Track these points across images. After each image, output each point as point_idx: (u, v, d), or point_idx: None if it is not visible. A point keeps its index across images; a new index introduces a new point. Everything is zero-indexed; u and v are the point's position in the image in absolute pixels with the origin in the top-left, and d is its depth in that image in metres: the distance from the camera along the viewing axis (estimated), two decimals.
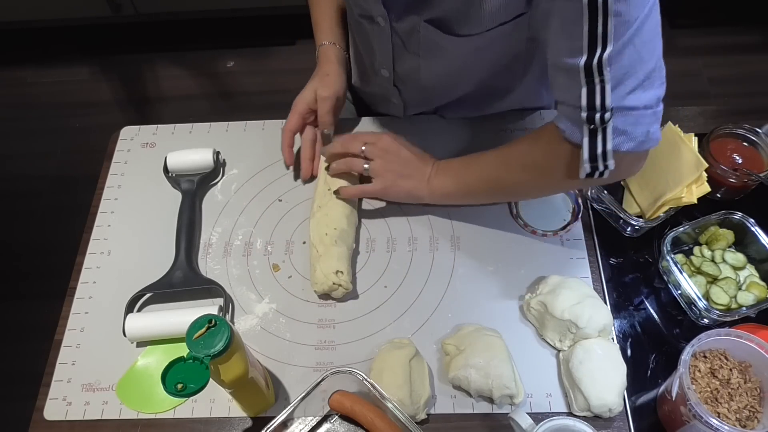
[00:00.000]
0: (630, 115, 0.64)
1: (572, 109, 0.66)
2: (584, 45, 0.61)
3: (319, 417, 0.76)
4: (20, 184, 2.10)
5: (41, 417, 0.78)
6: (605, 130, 0.65)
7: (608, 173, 0.68)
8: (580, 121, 0.65)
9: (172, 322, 0.80)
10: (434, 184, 0.86)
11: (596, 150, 0.66)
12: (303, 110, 0.92)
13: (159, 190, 0.96)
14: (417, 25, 0.79)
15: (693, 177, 0.80)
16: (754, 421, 0.68)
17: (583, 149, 0.67)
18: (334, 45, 0.95)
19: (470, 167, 0.84)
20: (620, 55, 0.61)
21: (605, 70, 0.62)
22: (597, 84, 0.63)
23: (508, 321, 0.82)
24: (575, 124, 0.67)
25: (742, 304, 0.78)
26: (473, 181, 0.83)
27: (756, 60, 2.23)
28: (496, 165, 0.81)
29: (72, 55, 2.43)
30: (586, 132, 0.66)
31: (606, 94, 0.63)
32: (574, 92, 0.65)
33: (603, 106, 0.63)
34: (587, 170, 0.68)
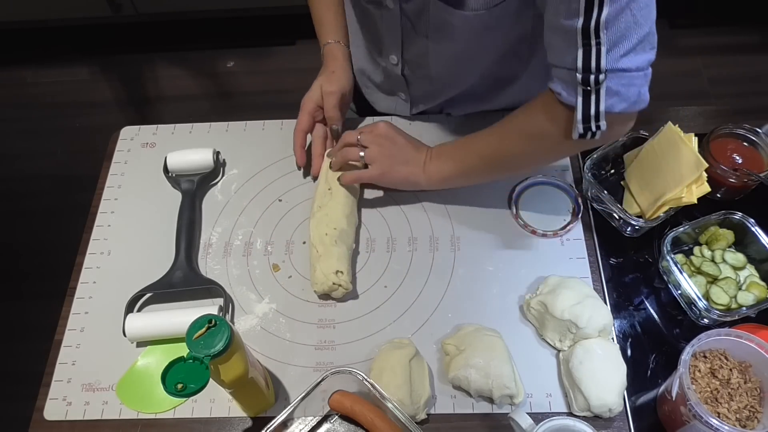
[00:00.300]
0: (623, 76, 0.66)
1: (567, 72, 0.68)
2: (581, 6, 0.63)
3: (319, 417, 0.76)
4: (20, 184, 2.10)
5: (41, 417, 0.78)
6: (599, 91, 0.67)
7: (600, 134, 0.71)
8: (575, 82, 0.67)
9: (172, 322, 0.80)
10: (431, 169, 0.86)
11: (590, 111, 0.68)
12: (311, 108, 0.93)
13: (159, 190, 0.96)
14: (427, 3, 0.79)
15: (693, 177, 0.80)
16: (754, 421, 0.68)
17: (577, 110, 0.69)
18: (339, 43, 0.96)
19: (467, 147, 0.85)
20: (617, 19, 0.63)
21: (602, 32, 0.63)
22: (593, 46, 0.64)
23: (508, 321, 0.82)
24: (570, 86, 0.69)
25: (742, 304, 0.78)
26: (471, 159, 0.84)
27: (756, 60, 2.22)
28: (493, 140, 0.82)
29: (72, 55, 2.43)
30: (580, 93, 0.68)
31: (601, 56, 0.65)
32: (569, 54, 0.66)
33: (598, 67, 0.65)
34: (580, 131, 0.70)
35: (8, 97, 2.35)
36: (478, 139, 0.83)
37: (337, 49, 0.96)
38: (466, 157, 0.85)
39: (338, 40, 0.96)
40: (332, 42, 0.96)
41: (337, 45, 0.96)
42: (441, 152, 0.87)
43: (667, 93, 2.14)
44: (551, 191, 0.93)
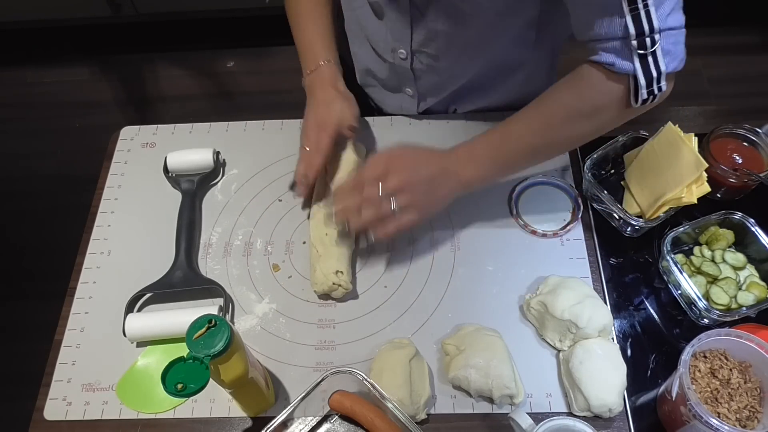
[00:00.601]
0: (672, 35, 0.68)
1: (618, 42, 0.68)
2: None
3: (319, 417, 0.76)
4: (20, 184, 2.10)
5: (41, 417, 0.78)
6: (655, 53, 0.68)
7: (659, 97, 0.72)
8: (629, 49, 0.68)
9: (172, 322, 0.80)
10: (468, 176, 0.79)
11: (651, 73, 0.69)
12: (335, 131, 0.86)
13: (159, 190, 0.96)
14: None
15: (693, 177, 0.80)
16: (754, 421, 0.68)
17: (639, 75, 0.69)
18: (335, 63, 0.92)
19: (506, 141, 0.79)
20: None
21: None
22: (641, 9, 0.65)
23: (508, 321, 0.82)
24: (623, 55, 0.69)
25: (742, 304, 0.78)
26: (514, 154, 0.80)
27: (756, 60, 2.23)
28: (537, 131, 0.77)
29: (72, 55, 2.43)
30: (636, 59, 0.68)
31: (652, 17, 0.66)
32: (617, 24, 0.67)
33: (651, 28, 0.66)
34: (644, 96, 0.71)
35: (8, 97, 2.34)
36: (518, 129, 0.78)
37: (336, 70, 0.91)
38: (508, 153, 0.79)
39: (333, 60, 0.92)
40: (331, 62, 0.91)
41: (335, 65, 0.92)
42: (473, 154, 0.79)
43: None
44: (551, 191, 0.93)
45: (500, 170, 0.82)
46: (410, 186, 0.76)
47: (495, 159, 0.79)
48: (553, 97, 0.77)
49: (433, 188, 0.78)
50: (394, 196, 0.76)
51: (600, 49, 0.71)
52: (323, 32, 0.93)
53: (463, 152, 0.79)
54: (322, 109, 0.87)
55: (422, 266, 0.87)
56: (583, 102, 0.75)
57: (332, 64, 0.91)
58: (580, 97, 0.75)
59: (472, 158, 0.79)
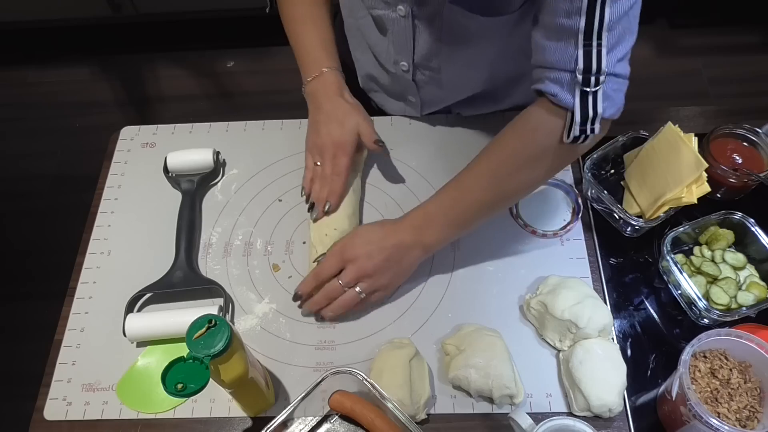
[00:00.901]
0: (616, 81, 0.68)
1: (564, 73, 0.68)
2: (583, 6, 0.63)
3: (319, 417, 0.76)
4: (20, 184, 2.10)
5: (41, 417, 0.78)
6: (596, 93, 0.67)
7: (590, 139, 0.71)
8: (573, 83, 0.67)
9: (172, 322, 0.80)
10: (427, 243, 0.79)
11: (587, 112, 0.68)
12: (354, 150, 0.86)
13: (159, 190, 0.96)
14: (441, 7, 0.78)
15: (693, 177, 0.80)
16: (754, 421, 0.68)
17: (575, 111, 0.68)
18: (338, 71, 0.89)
19: (457, 204, 0.78)
20: (618, 23, 0.64)
21: (604, 34, 0.64)
22: (594, 47, 0.65)
23: (508, 321, 0.82)
24: (566, 88, 0.68)
25: (742, 304, 0.78)
26: (467, 214, 0.79)
27: (756, 60, 2.22)
28: (487, 186, 0.77)
29: (72, 55, 2.43)
30: (577, 94, 0.68)
31: (602, 57, 0.65)
32: (567, 55, 0.67)
33: (599, 68, 0.66)
34: (576, 133, 0.70)
35: (8, 97, 2.35)
36: (469, 186, 0.77)
37: (339, 77, 0.89)
38: (462, 213, 0.79)
39: (336, 67, 0.89)
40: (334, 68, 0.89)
41: (338, 72, 0.89)
42: (429, 218, 0.79)
43: (667, 93, 2.16)
44: (551, 191, 0.93)
45: (457, 230, 0.81)
46: (367, 273, 0.78)
47: (450, 220, 0.79)
48: (500, 146, 0.76)
49: (392, 265, 0.79)
50: (356, 285, 0.79)
51: (546, 78, 0.70)
52: (323, 37, 0.90)
53: (419, 218, 0.79)
54: (336, 127, 0.85)
55: (422, 266, 0.87)
56: (528, 147, 0.74)
57: (335, 71, 0.89)
58: (524, 142, 0.75)
59: (428, 223, 0.79)
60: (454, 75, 0.90)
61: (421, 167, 0.96)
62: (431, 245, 0.80)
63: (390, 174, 0.96)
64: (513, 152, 0.75)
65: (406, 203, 0.92)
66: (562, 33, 0.66)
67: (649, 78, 2.11)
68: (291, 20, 0.92)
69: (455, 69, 0.89)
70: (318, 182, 0.87)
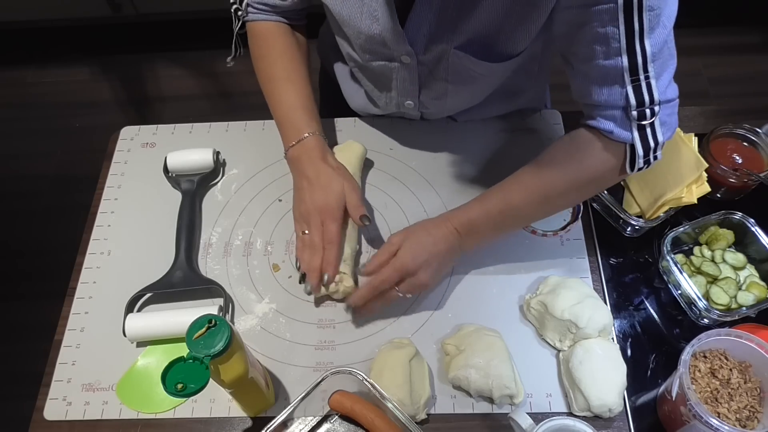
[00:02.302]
0: (669, 106, 0.69)
1: (618, 110, 0.68)
2: (622, 45, 0.64)
3: (319, 417, 0.76)
4: (20, 184, 2.10)
5: (41, 417, 0.78)
6: (653, 124, 0.68)
7: (653, 164, 0.72)
8: (629, 119, 0.68)
9: (172, 322, 0.80)
10: (468, 247, 0.80)
11: (649, 143, 0.69)
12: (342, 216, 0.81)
13: (159, 190, 0.96)
14: (446, 53, 0.78)
15: (693, 177, 0.80)
16: (754, 421, 0.68)
17: (637, 146, 0.69)
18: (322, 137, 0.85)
19: (504, 217, 0.78)
20: (660, 53, 0.65)
21: (650, 66, 0.65)
22: (642, 81, 0.66)
23: (508, 321, 0.82)
24: (621, 124, 0.69)
25: (742, 304, 0.78)
26: (511, 225, 0.81)
27: (756, 60, 2.23)
28: (537, 204, 0.77)
29: (72, 55, 2.43)
30: (635, 128, 0.69)
31: (653, 89, 0.66)
32: (617, 93, 0.67)
33: (652, 100, 0.67)
34: (640, 165, 0.71)
35: (8, 97, 2.34)
36: (518, 201, 0.77)
37: (323, 142, 0.85)
38: (507, 224, 0.80)
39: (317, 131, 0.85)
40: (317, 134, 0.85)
41: (321, 138, 0.85)
42: (474, 228, 0.78)
43: None
44: None
45: (495, 238, 0.83)
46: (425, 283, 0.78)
47: (492, 229, 0.80)
48: (552, 167, 0.76)
49: (441, 269, 0.80)
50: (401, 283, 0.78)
51: (599, 115, 0.71)
52: (302, 98, 0.86)
53: (464, 226, 0.78)
54: (320, 193, 0.80)
55: None
56: (583, 172, 0.74)
57: (317, 136, 0.84)
58: (580, 168, 0.74)
59: (472, 231, 0.79)
60: (459, 102, 0.91)
61: (421, 167, 0.96)
62: (469, 249, 0.81)
63: (390, 174, 0.96)
64: (567, 175, 0.75)
65: (406, 203, 0.92)
66: (607, 75, 0.67)
67: None
68: (268, 80, 0.88)
69: (461, 99, 0.90)
70: (308, 252, 0.80)
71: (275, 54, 0.88)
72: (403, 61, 0.81)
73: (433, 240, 0.77)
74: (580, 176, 0.75)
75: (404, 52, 0.79)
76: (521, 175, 0.77)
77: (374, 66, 0.84)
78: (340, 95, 1.02)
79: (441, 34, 0.76)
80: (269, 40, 0.88)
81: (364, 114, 1.02)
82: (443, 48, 0.77)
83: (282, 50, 0.88)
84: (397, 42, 0.77)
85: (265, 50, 0.88)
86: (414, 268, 0.76)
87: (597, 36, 0.65)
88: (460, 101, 0.91)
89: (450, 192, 0.93)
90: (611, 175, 0.74)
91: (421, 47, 0.78)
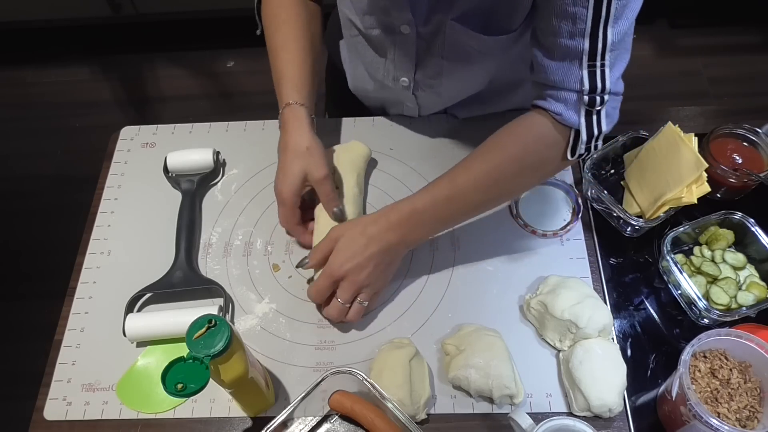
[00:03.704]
0: (616, 99, 0.70)
1: (570, 93, 0.69)
2: (587, 28, 0.64)
3: (319, 417, 0.76)
4: (20, 184, 2.10)
5: (41, 417, 0.78)
6: (599, 112, 0.69)
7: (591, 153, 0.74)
8: (579, 103, 0.69)
9: (172, 322, 0.80)
10: (414, 240, 0.79)
11: (593, 131, 0.70)
12: (293, 202, 0.83)
13: (159, 190, 0.96)
14: (443, 24, 0.78)
15: (693, 177, 0.80)
16: (754, 421, 0.68)
17: (582, 131, 0.70)
18: (302, 106, 0.84)
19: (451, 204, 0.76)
20: (619, 44, 0.66)
21: (607, 54, 0.66)
22: (599, 67, 0.66)
23: (508, 321, 0.82)
24: (571, 107, 0.70)
25: (742, 304, 0.78)
26: (458, 213, 0.79)
27: (756, 60, 2.23)
28: (483, 188, 0.76)
29: (72, 55, 2.43)
30: (583, 114, 0.69)
31: (606, 77, 0.67)
32: (572, 75, 0.68)
33: (603, 88, 0.67)
34: (581, 151, 0.72)
35: (8, 97, 2.35)
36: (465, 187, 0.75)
37: (301, 113, 0.83)
38: (454, 212, 0.78)
39: (301, 102, 0.83)
40: (293, 104, 0.83)
41: (301, 108, 0.83)
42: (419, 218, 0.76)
43: (667, 93, 2.16)
44: (551, 191, 0.93)
45: (443, 227, 0.82)
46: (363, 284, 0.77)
47: (439, 218, 0.78)
48: (498, 150, 0.75)
49: (384, 268, 0.78)
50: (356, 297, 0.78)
51: (550, 96, 0.71)
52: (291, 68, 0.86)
53: (406, 217, 0.76)
54: (279, 177, 0.83)
55: (422, 266, 0.87)
56: (530, 155, 0.75)
57: (293, 107, 0.83)
58: (526, 150, 0.74)
59: (416, 222, 0.77)
60: (454, 87, 0.91)
61: (421, 167, 0.96)
62: (416, 242, 0.80)
63: (390, 174, 0.96)
64: (512, 158, 0.75)
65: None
66: (567, 54, 0.67)
67: (649, 78, 2.12)
68: (269, 48, 0.89)
69: (456, 81, 0.89)
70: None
71: (278, 22, 0.88)
72: (402, 32, 0.81)
73: (366, 241, 0.75)
74: (524, 159, 0.75)
75: (405, 21, 0.79)
76: (469, 160, 0.76)
77: (373, 35, 0.85)
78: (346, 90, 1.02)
79: (441, 5, 0.76)
80: (275, 9, 0.89)
81: (362, 94, 1.02)
82: (441, 19, 0.77)
83: (284, 19, 0.88)
84: (398, 6, 0.77)
85: (271, 18, 0.89)
86: (341, 274, 0.76)
87: (565, 13, 0.65)
88: (455, 85, 0.90)
89: None
90: (554, 160, 0.74)
91: (421, 18, 0.79)
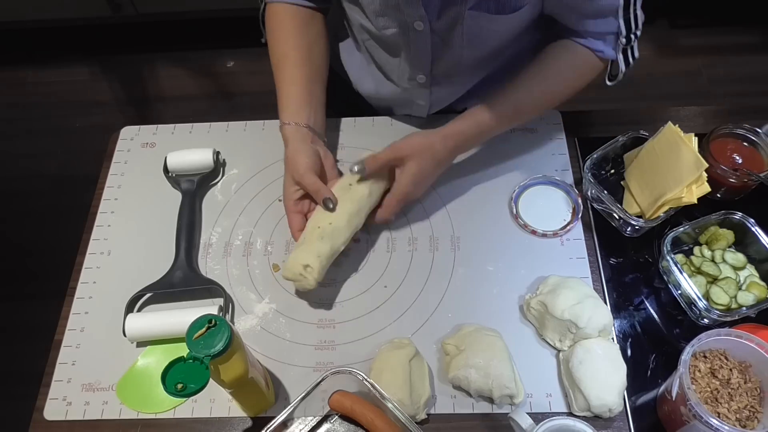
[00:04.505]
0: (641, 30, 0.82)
1: (609, 35, 0.81)
2: None
3: (319, 417, 0.76)
4: (20, 184, 2.10)
5: (41, 417, 0.78)
6: (632, 47, 0.84)
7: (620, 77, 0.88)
8: (617, 43, 0.82)
9: (172, 322, 0.80)
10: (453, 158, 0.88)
11: (630, 62, 0.85)
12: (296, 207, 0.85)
13: (159, 190, 0.96)
14: (461, 15, 0.78)
15: (693, 177, 0.80)
16: (754, 421, 0.68)
17: (620, 63, 0.84)
18: (297, 125, 0.86)
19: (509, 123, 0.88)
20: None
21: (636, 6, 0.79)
22: (632, 14, 0.79)
23: (508, 321, 0.82)
24: (610, 45, 0.83)
25: (742, 304, 0.78)
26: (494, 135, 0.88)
27: (756, 60, 2.23)
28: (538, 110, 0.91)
29: (72, 55, 2.44)
30: (619, 50, 0.83)
31: (639, 20, 0.80)
32: (611, 24, 0.80)
33: (637, 27, 0.81)
34: (621, 77, 0.87)
35: (8, 97, 2.35)
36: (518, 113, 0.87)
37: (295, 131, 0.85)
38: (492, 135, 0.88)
39: (297, 122, 0.86)
40: (290, 124, 0.86)
41: (296, 127, 0.85)
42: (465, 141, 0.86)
43: (667, 93, 2.16)
44: (551, 191, 0.93)
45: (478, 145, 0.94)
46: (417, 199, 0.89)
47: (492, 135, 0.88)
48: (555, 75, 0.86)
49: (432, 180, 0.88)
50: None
51: (590, 36, 0.82)
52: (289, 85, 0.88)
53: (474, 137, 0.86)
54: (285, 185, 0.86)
55: (422, 266, 0.87)
56: (581, 80, 0.87)
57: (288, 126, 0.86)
58: (580, 76, 0.86)
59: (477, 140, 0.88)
60: (472, 75, 0.93)
61: None
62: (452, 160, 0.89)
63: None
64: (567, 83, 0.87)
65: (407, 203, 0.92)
66: (602, 11, 0.78)
67: (649, 78, 2.12)
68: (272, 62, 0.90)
69: (473, 69, 0.91)
70: None
71: (279, 36, 0.89)
72: (416, 28, 0.81)
73: (437, 163, 0.84)
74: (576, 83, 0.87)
75: (417, 17, 0.80)
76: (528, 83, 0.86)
77: (387, 36, 0.85)
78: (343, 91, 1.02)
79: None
80: (278, 22, 0.89)
81: (375, 97, 1.02)
82: (457, 11, 0.78)
83: (288, 32, 0.89)
84: (410, 3, 0.77)
85: (274, 31, 0.90)
86: (417, 195, 0.88)
87: None
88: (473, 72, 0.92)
89: (450, 192, 0.93)
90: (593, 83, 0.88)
91: (434, 12, 0.79)
